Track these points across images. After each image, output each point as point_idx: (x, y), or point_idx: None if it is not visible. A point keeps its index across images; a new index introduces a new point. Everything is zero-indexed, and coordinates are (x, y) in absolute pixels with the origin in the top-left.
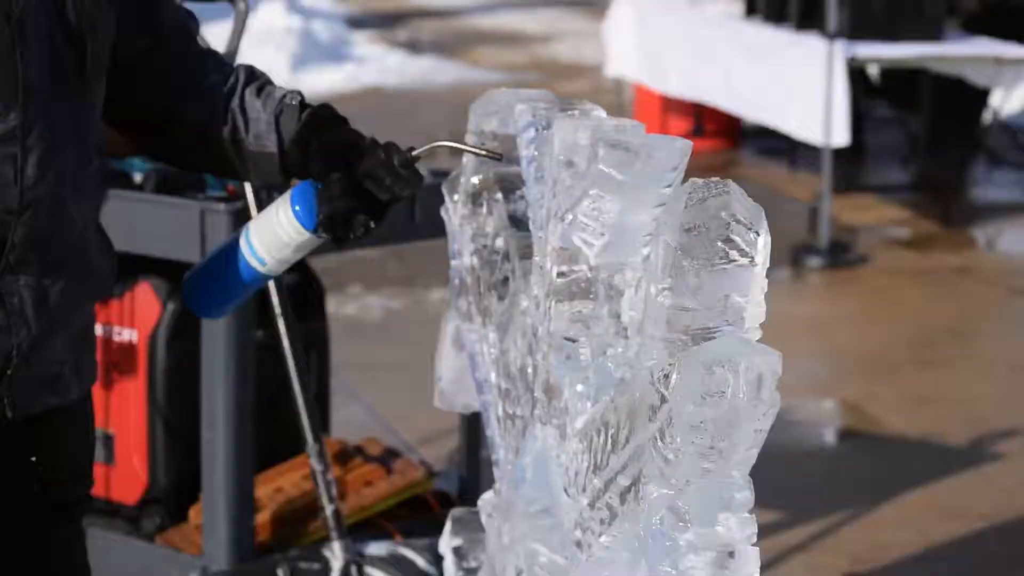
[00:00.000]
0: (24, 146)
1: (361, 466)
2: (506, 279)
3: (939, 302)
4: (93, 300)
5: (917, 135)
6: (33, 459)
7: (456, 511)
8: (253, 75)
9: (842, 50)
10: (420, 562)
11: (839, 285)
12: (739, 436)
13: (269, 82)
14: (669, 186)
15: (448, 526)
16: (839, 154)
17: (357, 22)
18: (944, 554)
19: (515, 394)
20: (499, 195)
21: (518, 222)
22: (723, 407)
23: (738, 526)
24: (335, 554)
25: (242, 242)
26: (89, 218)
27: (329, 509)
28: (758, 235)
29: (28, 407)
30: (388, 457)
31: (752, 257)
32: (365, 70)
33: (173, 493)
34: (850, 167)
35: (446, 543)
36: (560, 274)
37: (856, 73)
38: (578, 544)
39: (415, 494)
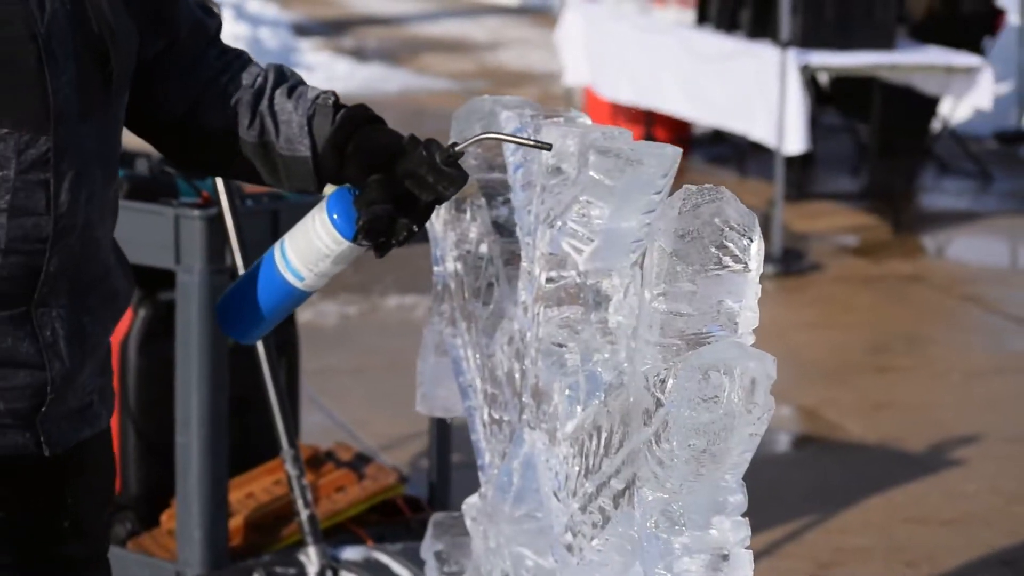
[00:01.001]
0: (57, 171)
1: (333, 471)
2: (491, 284)
3: (892, 309)
4: (116, 323)
5: (866, 143)
6: (65, 494)
7: (437, 515)
8: (283, 75)
9: (795, 59)
10: (395, 566)
11: (792, 292)
12: (734, 440)
13: (301, 82)
14: (659, 192)
15: (429, 530)
16: (789, 162)
17: (303, 29)
18: (908, 559)
19: (502, 399)
20: (482, 201)
21: (501, 228)
22: (718, 411)
23: (732, 529)
24: (311, 559)
25: (277, 258)
26: (110, 239)
27: (304, 514)
28: (751, 241)
29: (65, 442)
30: (359, 462)
31: (746, 263)
32: (313, 78)
33: (144, 499)
34: (800, 175)
35: (428, 547)
36: (549, 279)
37: (806, 81)
38: (568, 548)
39: (386, 499)
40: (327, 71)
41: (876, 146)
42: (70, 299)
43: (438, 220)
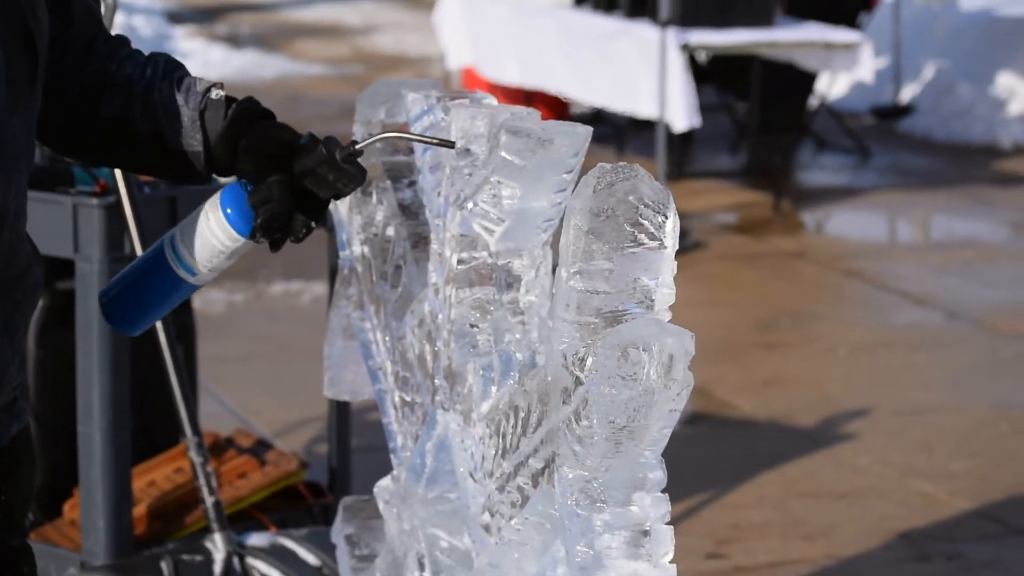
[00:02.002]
0: None
1: (234, 458)
2: (399, 267)
3: (776, 285)
4: (33, 314)
5: (743, 121)
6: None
7: (346, 499)
8: (170, 65)
9: (675, 37)
10: (301, 552)
11: (677, 271)
12: (654, 416)
13: (187, 73)
14: (570, 172)
15: (339, 514)
16: (669, 141)
17: (176, 17)
18: (805, 534)
19: (413, 381)
20: (388, 184)
21: (407, 210)
22: (638, 388)
23: (652, 505)
24: (217, 546)
25: (168, 253)
26: (24, 229)
27: (210, 501)
28: (666, 218)
29: (0, 439)
30: (260, 448)
31: (661, 240)
32: (188, 65)
33: (46, 490)
34: (680, 154)
35: (338, 531)
36: (460, 261)
37: (687, 59)
38: (486, 528)
39: (287, 485)
40: (202, 58)
41: (755, 123)
42: (2, 294)
43: (343, 204)
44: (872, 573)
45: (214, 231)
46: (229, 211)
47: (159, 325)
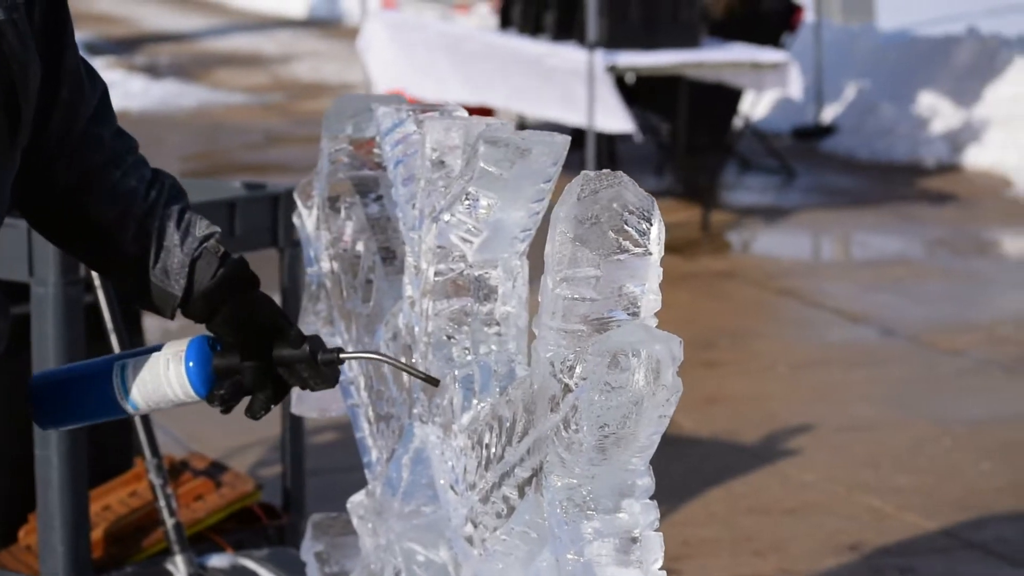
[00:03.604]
0: None
1: (191, 480)
2: (369, 281)
3: (711, 305)
4: None
5: (668, 142)
6: None
7: (315, 516)
8: (174, 191)
9: (602, 59)
10: (263, 572)
11: None
12: (643, 423)
13: (188, 205)
14: (548, 181)
15: (308, 531)
16: (597, 160)
17: (95, 48)
18: (755, 549)
19: (388, 395)
20: (355, 199)
21: (376, 225)
22: (627, 395)
23: (641, 512)
24: (178, 568)
25: (115, 380)
26: None
27: (170, 523)
28: (651, 225)
29: None
30: (215, 470)
31: (646, 247)
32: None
33: (1, 515)
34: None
35: (307, 549)
36: (437, 273)
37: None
38: (469, 540)
39: (243, 507)
40: (122, 89)
41: (682, 144)
42: None
43: (309, 220)
44: None
45: (171, 380)
46: (191, 365)
47: (115, 346)
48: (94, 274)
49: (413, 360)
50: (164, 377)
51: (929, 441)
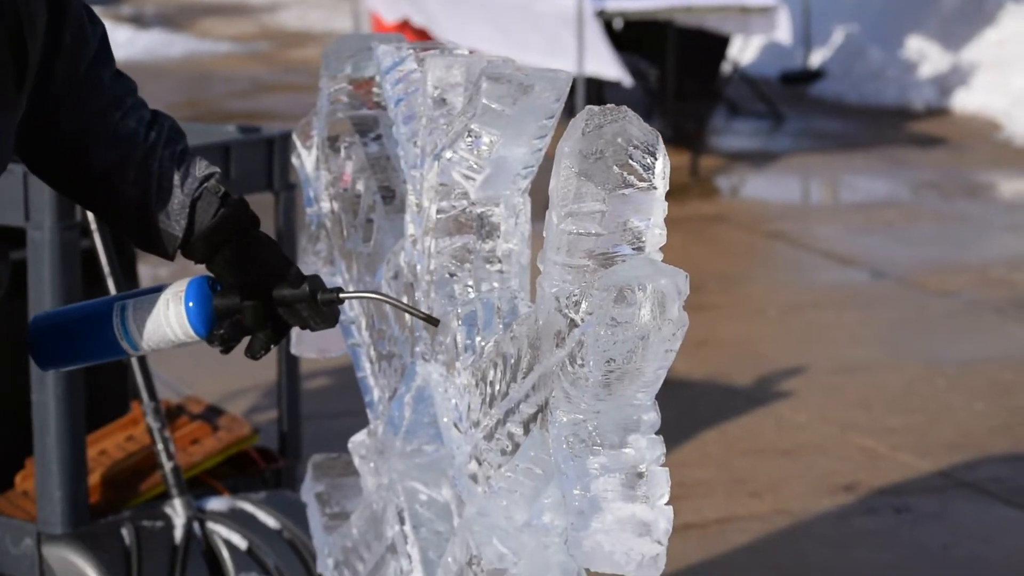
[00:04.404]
0: None
1: (187, 424)
2: (370, 221)
3: (701, 249)
4: None
5: (656, 88)
6: None
7: (316, 457)
8: (173, 132)
9: (591, 4)
10: (261, 515)
11: None
12: (649, 357)
13: (187, 146)
14: (551, 117)
15: (309, 472)
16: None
17: None
18: (751, 490)
19: (390, 334)
20: (355, 138)
21: (376, 164)
22: (633, 329)
23: (647, 447)
24: (177, 511)
25: (115, 321)
26: None
27: (168, 466)
28: (656, 159)
29: None
30: (211, 414)
31: (651, 181)
32: None
33: None
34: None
35: (308, 489)
36: (440, 211)
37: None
38: (474, 477)
39: (239, 450)
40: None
41: (671, 90)
42: None
43: (309, 160)
44: (821, 528)
45: (171, 321)
46: (191, 305)
47: (112, 289)
48: (91, 218)
49: (415, 298)
50: (164, 317)
51: (921, 382)
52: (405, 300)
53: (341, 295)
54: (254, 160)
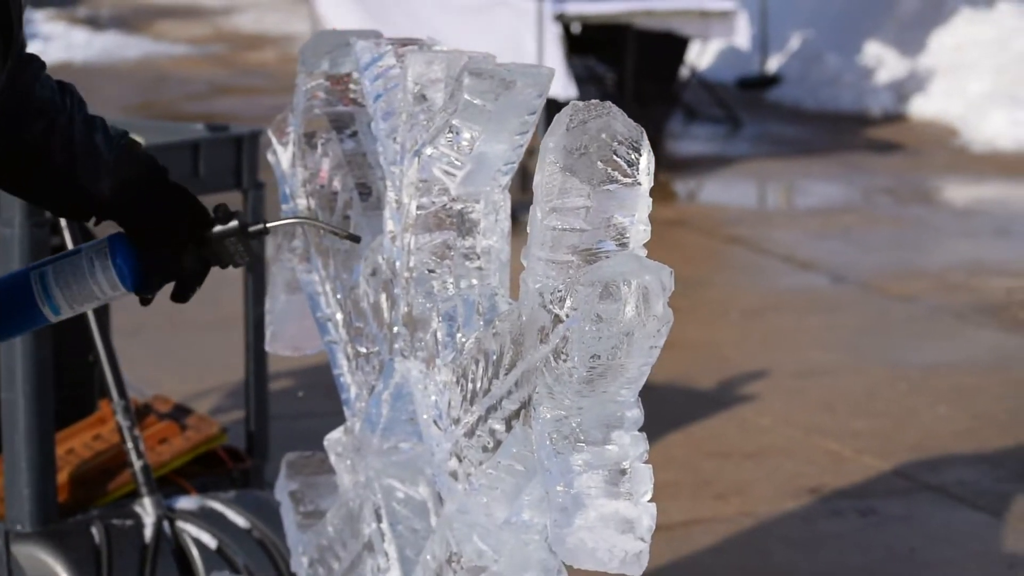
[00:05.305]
0: None
1: (155, 423)
2: (346, 218)
3: (660, 253)
4: None
5: (613, 92)
6: None
7: (290, 455)
8: (80, 98)
9: (550, 8)
10: (230, 514)
11: None
12: (634, 354)
13: (92, 114)
14: (533, 113)
15: (283, 470)
16: (546, 111)
17: (35, 0)
18: (717, 492)
19: (367, 331)
20: (332, 135)
21: (352, 160)
22: (618, 325)
23: (631, 444)
24: (147, 510)
25: (35, 288)
26: None
27: (138, 465)
28: (640, 155)
29: None
30: (179, 413)
31: (635, 177)
32: (51, 47)
33: None
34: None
35: (282, 488)
36: (420, 207)
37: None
38: (453, 474)
39: (208, 449)
40: (64, 41)
41: (629, 94)
42: None
43: (284, 157)
44: (787, 530)
45: (96, 277)
46: (118, 261)
47: None
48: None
49: (393, 296)
50: (89, 275)
51: (884, 385)
52: (384, 298)
53: (268, 225)
54: (223, 158)
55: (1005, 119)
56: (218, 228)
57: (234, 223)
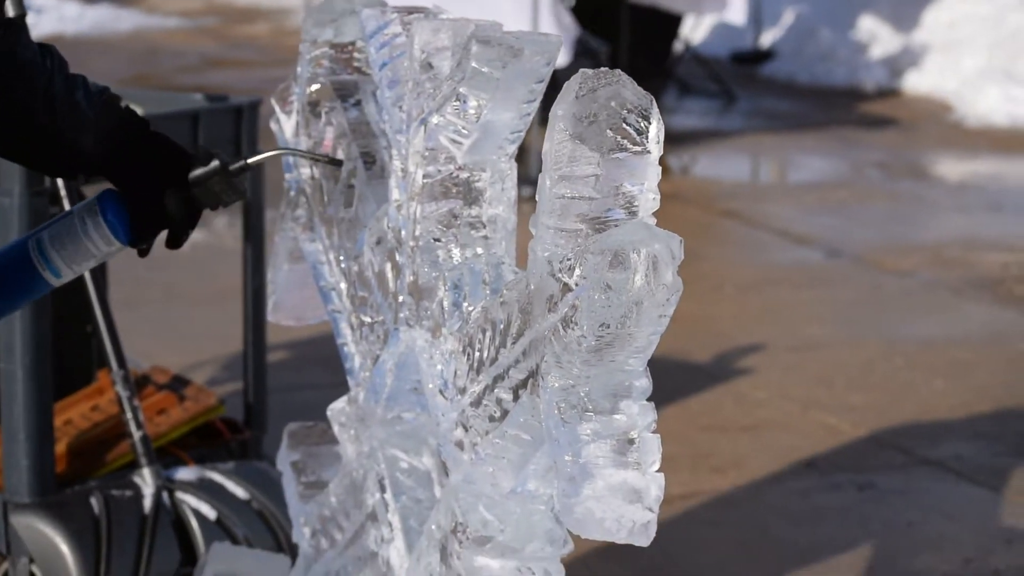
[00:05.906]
0: None
1: (153, 394)
2: (351, 187)
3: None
4: None
5: (606, 66)
6: None
7: (291, 426)
8: (60, 57)
9: None
10: (229, 485)
11: None
12: (643, 322)
13: (73, 73)
14: (541, 81)
15: (285, 441)
16: None
17: None
18: (715, 466)
19: (372, 300)
20: (336, 103)
21: (357, 129)
22: (628, 293)
23: (639, 413)
24: (146, 481)
25: (33, 255)
26: None
27: (137, 435)
28: (650, 123)
29: None
30: (178, 384)
31: (644, 145)
32: (43, 19)
33: None
34: (545, 99)
35: (284, 458)
36: (426, 175)
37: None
38: (459, 444)
39: (206, 421)
40: (56, 13)
41: (624, 68)
42: None
43: (288, 126)
44: (785, 503)
45: (90, 235)
46: (110, 217)
47: None
48: (60, 184)
49: (399, 265)
50: (83, 234)
51: (880, 360)
52: (389, 267)
53: (249, 161)
54: (222, 129)
55: (999, 95)
56: (199, 170)
57: (215, 163)
